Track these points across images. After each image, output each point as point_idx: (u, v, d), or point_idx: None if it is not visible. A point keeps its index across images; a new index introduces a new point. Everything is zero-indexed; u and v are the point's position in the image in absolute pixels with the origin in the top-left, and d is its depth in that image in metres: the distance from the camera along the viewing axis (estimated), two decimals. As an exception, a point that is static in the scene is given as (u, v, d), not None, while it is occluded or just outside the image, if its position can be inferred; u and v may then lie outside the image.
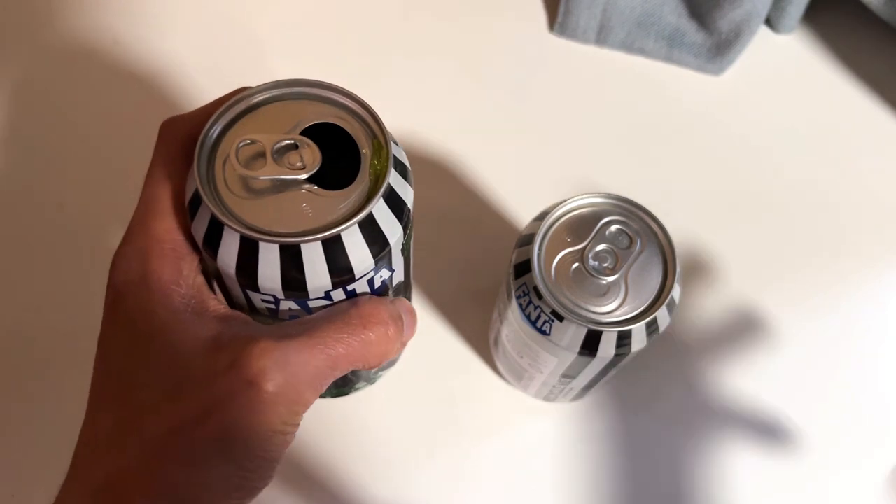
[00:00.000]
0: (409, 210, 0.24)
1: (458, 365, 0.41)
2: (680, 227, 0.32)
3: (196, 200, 0.23)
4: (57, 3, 0.51)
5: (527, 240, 0.31)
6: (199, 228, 0.22)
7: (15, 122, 0.48)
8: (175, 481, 0.21)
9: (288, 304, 0.23)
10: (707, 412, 0.41)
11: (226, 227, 0.21)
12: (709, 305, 0.43)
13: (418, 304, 0.42)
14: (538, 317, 0.30)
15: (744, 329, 0.43)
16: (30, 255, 0.43)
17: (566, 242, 0.31)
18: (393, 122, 0.47)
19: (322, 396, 0.23)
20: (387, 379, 0.41)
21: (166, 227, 0.23)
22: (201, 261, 0.24)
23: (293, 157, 0.22)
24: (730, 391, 0.41)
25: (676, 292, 0.31)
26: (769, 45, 0.52)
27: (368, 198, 0.22)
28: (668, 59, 0.51)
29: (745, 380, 0.41)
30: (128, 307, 0.23)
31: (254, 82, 0.24)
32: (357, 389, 0.33)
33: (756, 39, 0.50)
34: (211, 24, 0.51)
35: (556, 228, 0.31)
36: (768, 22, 0.52)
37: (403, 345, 0.26)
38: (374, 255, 0.23)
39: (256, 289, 0.22)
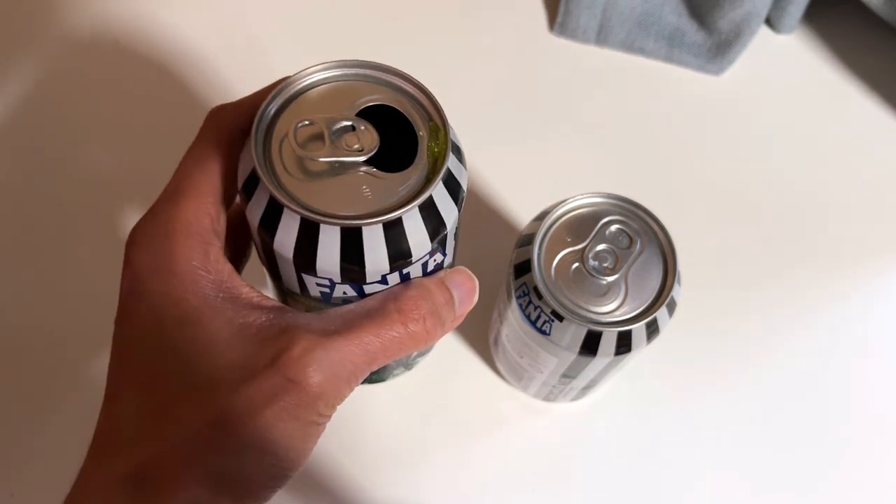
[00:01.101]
0: (464, 193, 0.24)
1: (458, 365, 0.41)
2: (680, 227, 0.32)
3: (252, 181, 0.22)
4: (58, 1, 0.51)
5: (527, 240, 0.31)
6: (256, 211, 0.22)
7: (17, 119, 0.48)
8: (214, 472, 0.21)
9: (343, 288, 0.23)
10: (707, 412, 0.41)
11: (285, 209, 0.21)
12: (709, 305, 0.43)
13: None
14: (538, 317, 0.30)
15: (744, 329, 0.43)
16: (29, 253, 0.43)
17: (566, 242, 0.31)
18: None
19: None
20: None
21: (197, 208, 0.23)
22: (230, 247, 0.24)
23: (350, 139, 0.22)
24: (730, 391, 0.41)
25: (677, 292, 0.31)
26: (769, 44, 0.52)
27: (428, 180, 0.22)
28: (669, 58, 0.51)
29: (746, 380, 0.41)
30: (151, 290, 0.22)
31: (254, 80, 0.24)
32: (395, 376, 0.33)
33: (756, 39, 0.50)
34: (212, 20, 0.51)
35: (556, 228, 0.31)
36: (768, 22, 0.52)
37: (457, 320, 0.25)
38: (432, 239, 0.22)
39: (314, 272, 0.22)
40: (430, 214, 0.22)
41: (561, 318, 0.29)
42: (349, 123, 0.22)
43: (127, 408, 0.22)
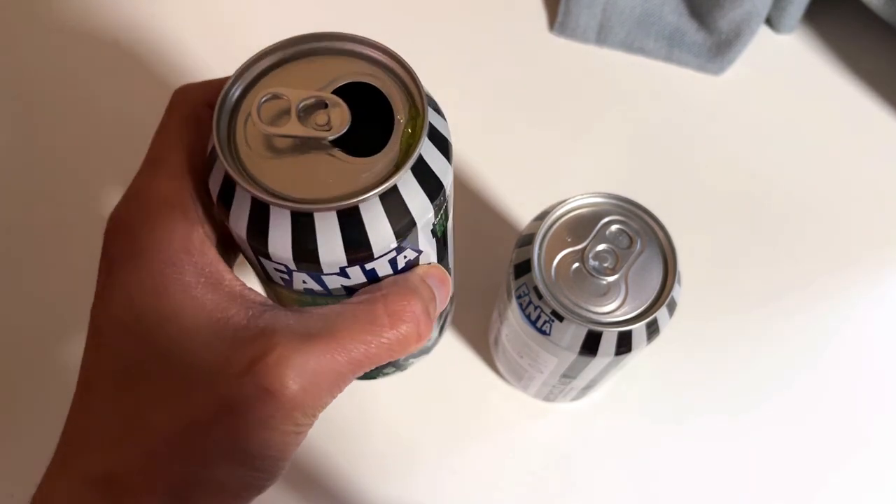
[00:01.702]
0: (444, 188, 0.22)
1: (458, 365, 0.41)
2: (680, 227, 0.32)
3: (212, 157, 0.21)
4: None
5: (527, 240, 0.31)
6: (214, 186, 0.21)
7: (12, 114, 0.48)
8: (183, 480, 0.20)
9: (301, 276, 0.21)
10: (707, 412, 0.41)
11: (238, 187, 0.20)
12: (710, 305, 0.43)
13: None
14: (538, 317, 0.30)
15: (745, 329, 0.43)
16: (28, 250, 0.43)
17: (566, 242, 0.31)
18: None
19: None
20: (387, 379, 0.41)
21: (175, 187, 0.21)
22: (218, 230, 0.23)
23: (320, 116, 0.20)
24: (730, 391, 0.41)
25: (677, 292, 0.31)
26: (769, 44, 0.52)
27: (396, 169, 0.20)
28: (669, 58, 0.51)
29: (746, 380, 0.41)
30: (129, 280, 0.21)
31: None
32: (386, 375, 0.31)
33: (756, 39, 0.50)
34: (211, 15, 0.51)
35: (556, 228, 0.31)
36: (769, 21, 0.52)
37: (439, 310, 0.24)
38: (397, 234, 0.21)
39: (268, 256, 0.21)
40: (395, 206, 0.20)
41: (561, 319, 0.29)
42: (320, 99, 0.20)
43: (99, 406, 0.21)
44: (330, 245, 0.20)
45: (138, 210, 0.21)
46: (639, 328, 0.30)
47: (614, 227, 0.31)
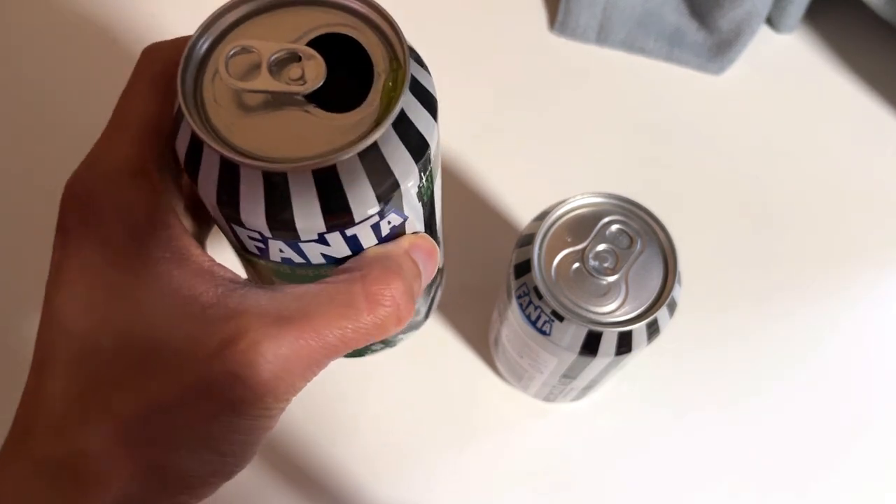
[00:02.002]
0: (430, 148, 0.20)
1: (458, 365, 0.41)
2: (681, 227, 0.32)
3: (179, 117, 0.19)
4: None
5: (527, 240, 0.31)
6: (181, 149, 0.19)
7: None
8: (147, 467, 0.19)
9: (278, 245, 0.20)
10: (708, 413, 0.40)
11: (205, 147, 0.18)
12: (710, 305, 0.42)
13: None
14: (538, 317, 0.30)
15: (745, 329, 0.43)
16: (25, 247, 0.43)
17: (566, 242, 0.31)
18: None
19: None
20: (387, 379, 0.41)
21: (138, 154, 0.20)
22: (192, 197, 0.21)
23: (294, 70, 0.19)
24: (730, 391, 0.41)
25: (677, 292, 0.31)
26: (770, 44, 0.52)
27: (376, 124, 0.18)
28: (669, 58, 0.51)
29: (747, 380, 0.41)
30: (87, 255, 0.19)
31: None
32: (374, 352, 0.29)
33: (757, 39, 0.50)
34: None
35: (556, 228, 0.31)
36: (769, 21, 0.52)
37: (424, 284, 0.22)
38: (379, 197, 0.19)
39: (241, 223, 0.19)
40: (376, 166, 0.19)
41: (561, 319, 0.29)
42: (293, 52, 0.19)
43: (54, 388, 0.19)
44: (306, 208, 0.18)
45: (96, 179, 0.20)
46: (639, 328, 0.30)
47: (614, 227, 0.31)
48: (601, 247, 0.30)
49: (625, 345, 0.30)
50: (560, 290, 0.30)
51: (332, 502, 0.38)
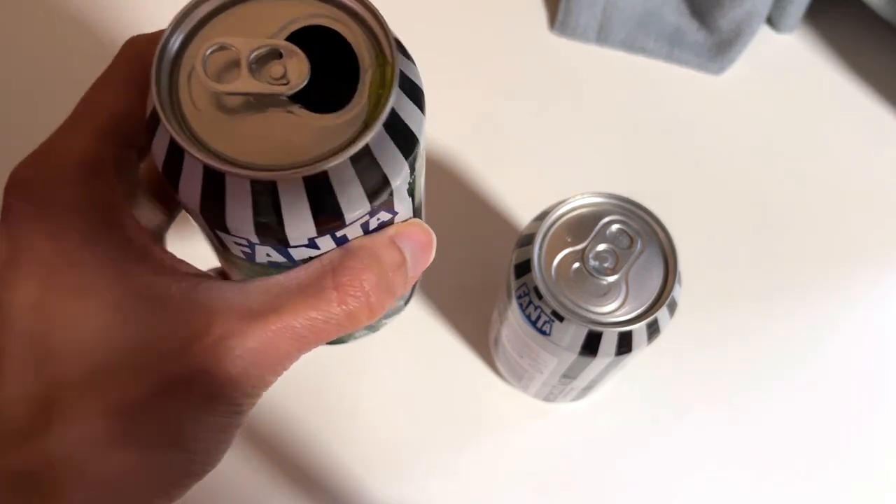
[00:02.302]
0: (418, 142, 0.19)
1: (459, 365, 0.41)
2: (681, 227, 0.32)
3: (154, 120, 0.18)
4: None
5: (527, 240, 0.31)
6: (158, 155, 0.18)
7: None
8: (114, 471, 0.18)
9: (265, 250, 0.19)
10: (708, 413, 0.40)
11: (187, 155, 0.17)
12: (710, 305, 0.42)
13: (418, 304, 0.42)
14: (538, 317, 0.30)
15: (746, 329, 0.43)
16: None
17: (566, 242, 0.31)
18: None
19: None
20: (387, 379, 0.41)
21: (98, 146, 0.19)
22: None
23: (275, 68, 0.18)
24: (731, 391, 0.41)
25: (677, 292, 0.31)
26: (770, 44, 0.52)
27: (365, 126, 0.18)
28: (669, 58, 0.51)
29: (747, 380, 0.41)
30: (37, 251, 0.18)
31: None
32: (357, 338, 0.28)
33: (757, 38, 0.50)
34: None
35: (556, 228, 0.31)
36: (769, 21, 0.52)
37: (411, 282, 0.21)
38: (371, 198, 0.18)
39: (227, 231, 0.18)
40: (368, 168, 0.18)
41: (561, 319, 0.29)
42: (274, 48, 0.18)
43: (14, 391, 0.18)
44: (297, 216, 0.18)
45: (48, 169, 0.18)
46: (639, 328, 0.29)
47: (615, 227, 0.31)
48: (601, 247, 0.30)
49: (625, 345, 0.30)
50: (560, 290, 0.30)
51: (332, 502, 0.38)
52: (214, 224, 0.19)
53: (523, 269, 0.31)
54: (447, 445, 0.39)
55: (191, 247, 0.23)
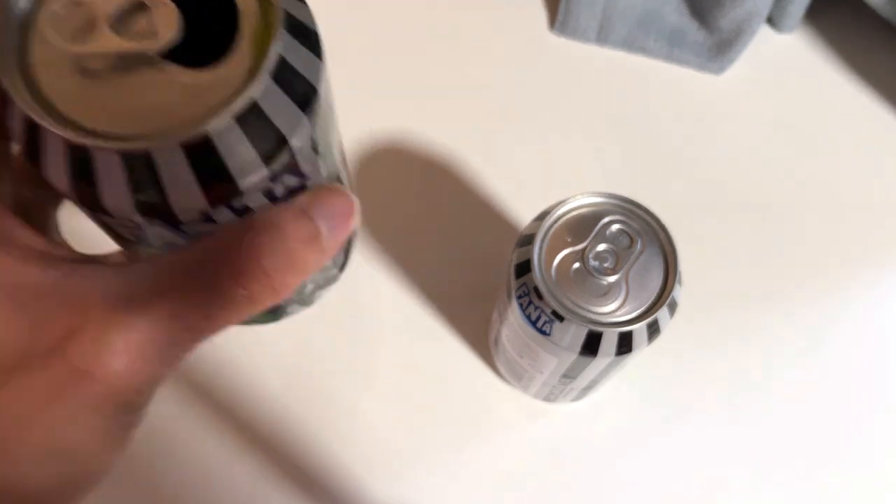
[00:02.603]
0: (316, 92, 0.17)
1: (458, 365, 0.41)
2: (681, 227, 0.32)
3: (3, 92, 0.16)
4: None
5: (527, 240, 0.31)
6: (15, 130, 0.16)
7: None
8: None
9: (156, 230, 0.17)
10: (708, 413, 0.40)
11: (43, 130, 0.15)
12: (710, 306, 0.42)
13: (418, 304, 0.42)
14: (538, 317, 0.30)
15: (746, 329, 0.43)
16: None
17: (567, 242, 0.31)
18: (393, 120, 0.46)
19: (248, 323, 0.18)
20: (386, 378, 0.41)
21: None
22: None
23: (140, 22, 0.16)
24: (731, 391, 0.41)
25: (678, 292, 0.31)
26: (770, 44, 0.52)
27: (250, 77, 0.16)
28: (669, 57, 0.51)
29: (747, 380, 0.41)
30: None
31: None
32: (290, 314, 0.25)
33: (757, 38, 0.50)
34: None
35: (556, 228, 0.31)
36: (770, 21, 0.52)
37: (329, 253, 0.18)
38: (267, 161, 0.16)
39: (106, 212, 0.16)
40: (257, 126, 0.16)
41: (561, 319, 0.29)
42: (137, 0, 0.16)
43: None
44: (181, 189, 0.16)
45: None
46: (639, 328, 0.29)
47: (615, 227, 0.31)
48: (601, 247, 0.30)
49: (625, 345, 0.30)
50: (560, 290, 0.30)
51: (332, 502, 0.38)
52: (90, 206, 0.16)
53: (523, 269, 0.31)
54: (447, 445, 0.39)
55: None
